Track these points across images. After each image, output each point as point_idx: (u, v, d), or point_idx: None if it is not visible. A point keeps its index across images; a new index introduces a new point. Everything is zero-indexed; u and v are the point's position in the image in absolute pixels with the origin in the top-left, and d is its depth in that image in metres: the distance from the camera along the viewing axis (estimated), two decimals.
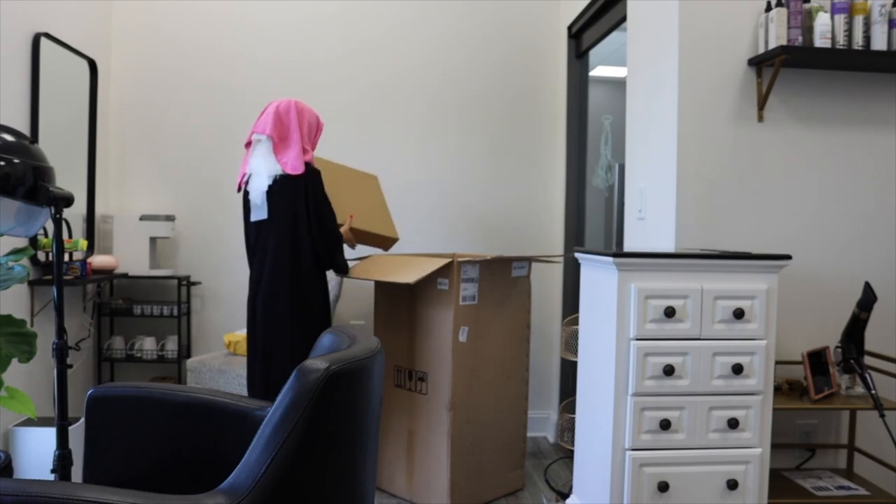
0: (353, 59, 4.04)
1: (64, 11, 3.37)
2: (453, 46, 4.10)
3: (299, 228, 2.79)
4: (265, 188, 2.78)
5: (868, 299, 2.39)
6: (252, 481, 1.36)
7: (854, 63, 2.55)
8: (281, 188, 2.77)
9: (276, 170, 2.77)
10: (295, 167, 2.77)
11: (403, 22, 4.06)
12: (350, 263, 3.34)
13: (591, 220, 4.13)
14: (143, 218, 3.67)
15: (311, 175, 2.80)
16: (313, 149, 2.90)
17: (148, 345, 3.71)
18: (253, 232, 2.89)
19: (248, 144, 2.91)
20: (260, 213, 2.81)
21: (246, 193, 2.89)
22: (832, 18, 2.47)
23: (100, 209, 3.78)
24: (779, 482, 2.50)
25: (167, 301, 3.78)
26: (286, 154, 2.79)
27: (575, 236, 3.99)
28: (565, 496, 2.82)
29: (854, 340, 2.44)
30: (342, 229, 3.01)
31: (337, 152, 4.04)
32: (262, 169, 2.79)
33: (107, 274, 3.57)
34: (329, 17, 4.02)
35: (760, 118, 2.60)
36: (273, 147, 2.80)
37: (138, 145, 3.95)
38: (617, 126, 3.71)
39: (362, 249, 3.71)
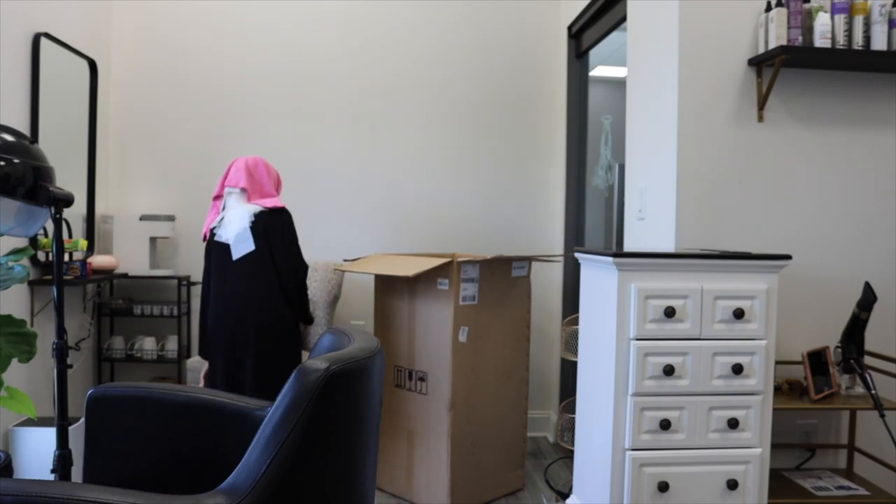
0: (353, 59, 4.04)
1: (64, 11, 3.37)
2: (453, 46, 4.10)
3: (277, 253, 2.92)
4: (247, 224, 2.92)
5: (868, 299, 2.39)
6: (252, 481, 1.36)
7: (854, 63, 2.55)
8: (261, 220, 2.93)
9: (255, 209, 2.94)
10: (274, 203, 2.98)
11: (403, 22, 4.06)
12: (349, 262, 3.37)
13: (591, 220, 4.13)
14: (143, 218, 3.67)
15: (287, 212, 3.00)
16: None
17: (148, 345, 3.71)
18: (227, 270, 2.94)
19: (217, 198, 3.04)
20: (244, 247, 2.92)
21: (213, 238, 2.98)
22: (832, 18, 2.47)
23: (100, 209, 3.78)
24: (779, 482, 2.50)
25: (167, 301, 3.78)
26: (262, 199, 2.98)
27: (575, 236, 3.99)
28: (565, 496, 2.82)
29: (854, 340, 2.44)
30: None
31: (336, 153, 4.04)
32: (242, 211, 2.93)
33: (107, 274, 3.57)
34: (329, 17, 4.02)
35: (760, 118, 2.60)
36: (247, 196, 2.97)
37: (138, 145, 3.95)
38: (617, 126, 3.70)
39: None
